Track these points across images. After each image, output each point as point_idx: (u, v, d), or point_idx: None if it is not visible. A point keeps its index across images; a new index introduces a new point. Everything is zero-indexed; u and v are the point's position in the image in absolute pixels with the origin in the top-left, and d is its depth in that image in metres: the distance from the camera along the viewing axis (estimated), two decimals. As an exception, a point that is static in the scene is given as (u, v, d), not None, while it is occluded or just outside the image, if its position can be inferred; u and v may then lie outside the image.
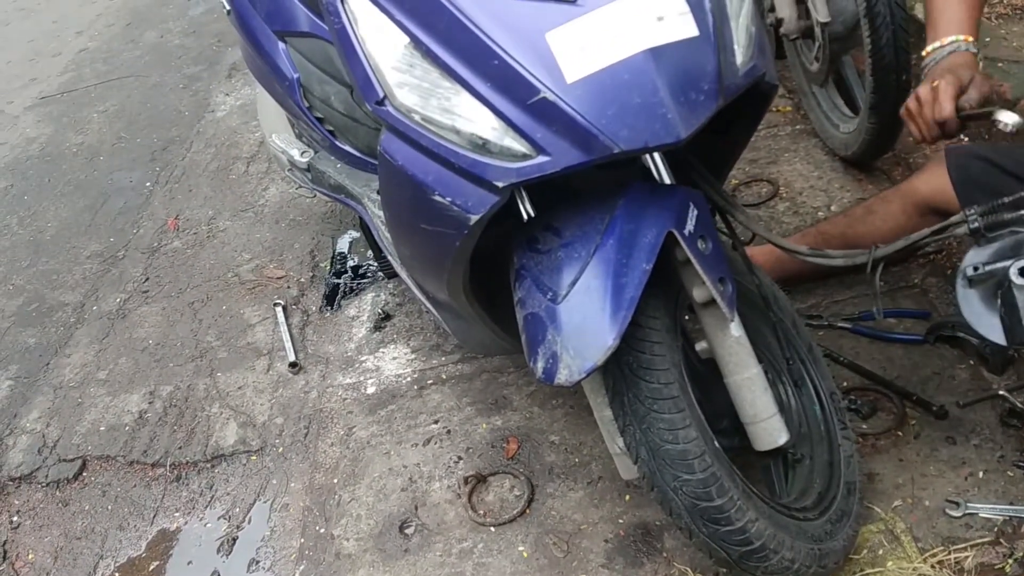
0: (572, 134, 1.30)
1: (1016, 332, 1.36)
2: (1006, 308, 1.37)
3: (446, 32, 1.35)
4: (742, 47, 1.43)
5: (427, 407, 2.26)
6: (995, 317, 1.40)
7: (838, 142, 2.71)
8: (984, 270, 1.39)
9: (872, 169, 2.68)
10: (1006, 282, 1.36)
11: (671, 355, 1.48)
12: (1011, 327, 1.36)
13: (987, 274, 1.39)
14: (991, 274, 1.39)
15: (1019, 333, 1.35)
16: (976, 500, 1.74)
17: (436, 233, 1.47)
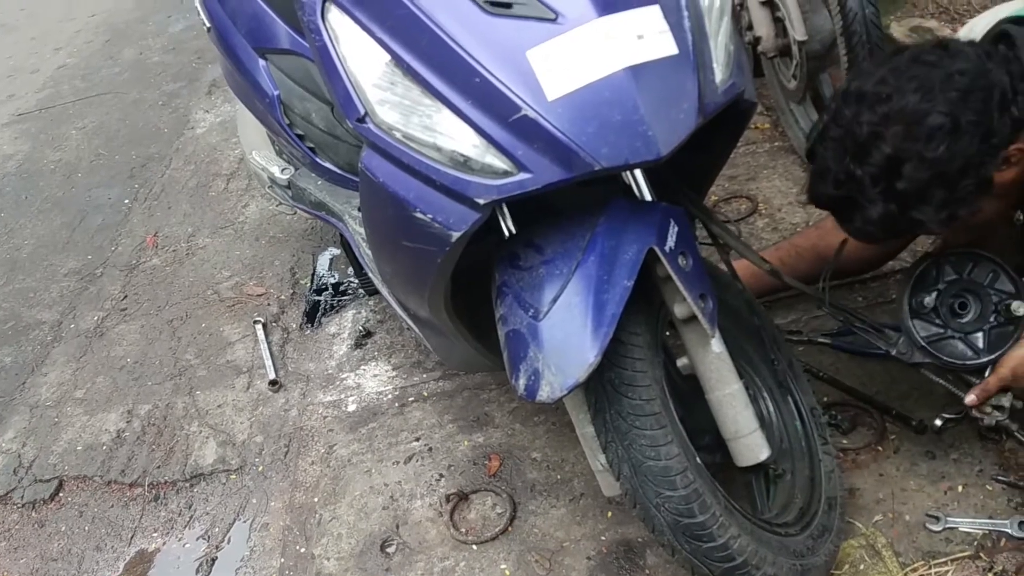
0: (553, 151, 1.31)
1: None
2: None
3: (427, 50, 1.36)
4: (721, 65, 1.44)
5: (408, 424, 2.25)
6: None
7: (816, 159, 2.73)
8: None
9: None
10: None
11: (653, 371, 1.48)
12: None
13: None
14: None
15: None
16: (956, 514, 1.75)
17: (417, 250, 1.47)
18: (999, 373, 1.60)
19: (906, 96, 1.36)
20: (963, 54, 1.38)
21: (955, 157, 1.35)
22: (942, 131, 1.34)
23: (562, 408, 1.61)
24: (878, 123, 1.37)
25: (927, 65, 1.37)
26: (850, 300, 2.29)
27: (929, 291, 1.68)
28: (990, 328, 1.65)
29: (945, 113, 1.33)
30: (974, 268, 1.67)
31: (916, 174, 1.36)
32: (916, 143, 1.35)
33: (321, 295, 2.77)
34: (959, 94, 1.34)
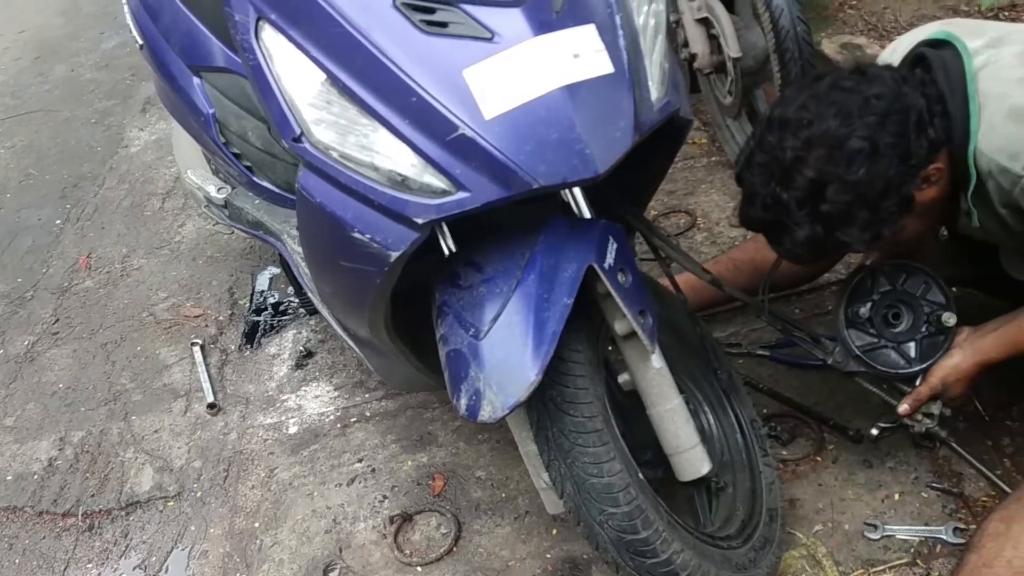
0: (491, 170, 1.31)
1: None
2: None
3: (363, 69, 1.35)
4: (656, 83, 1.46)
5: (351, 445, 2.23)
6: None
7: (752, 173, 2.77)
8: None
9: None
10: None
11: (594, 388, 1.49)
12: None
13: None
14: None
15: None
16: (893, 522, 1.79)
17: (356, 270, 1.46)
18: (929, 382, 1.65)
19: (826, 121, 1.39)
20: (880, 79, 1.42)
21: (875, 179, 1.38)
22: (862, 154, 1.37)
23: (506, 426, 1.60)
24: (801, 148, 1.41)
25: (845, 91, 1.41)
26: (787, 312, 2.32)
27: (864, 301, 1.72)
28: (922, 338, 1.69)
29: (864, 137, 1.37)
30: (907, 279, 1.71)
31: (839, 196, 1.40)
32: (837, 166, 1.39)
33: (260, 315, 2.72)
34: (877, 118, 1.38)
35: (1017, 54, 1.43)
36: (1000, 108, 1.39)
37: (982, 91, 1.42)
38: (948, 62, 1.46)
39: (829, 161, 1.39)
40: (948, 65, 1.46)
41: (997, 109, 1.40)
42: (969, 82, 1.43)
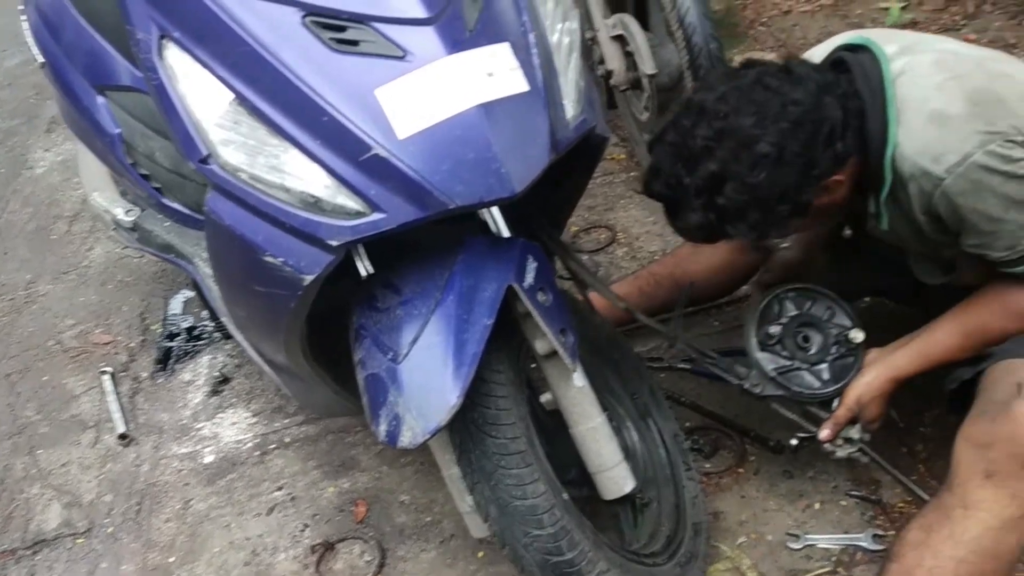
0: (406, 191, 1.29)
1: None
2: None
3: (272, 88, 1.32)
4: (572, 101, 1.46)
5: (270, 473, 2.17)
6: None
7: (670, 188, 2.80)
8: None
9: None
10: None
11: (517, 409, 1.47)
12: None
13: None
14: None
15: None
16: (814, 531, 1.81)
17: (269, 295, 1.42)
18: (846, 403, 1.66)
19: (741, 118, 1.41)
20: (804, 83, 1.43)
21: (774, 185, 1.40)
22: (767, 159, 1.39)
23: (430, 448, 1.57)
24: (711, 139, 1.42)
25: (768, 90, 1.42)
26: (706, 325, 2.35)
27: (774, 325, 1.73)
28: (833, 360, 1.71)
29: (773, 143, 1.39)
30: (813, 304, 1.74)
31: (735, 195, 1.42)
32: (741, 166, 1.40)
33: (174, 341, 2.64)
34: (790, 125, 1.39)
35: (932, 62, 1.47)
36: (920, 112, 1.42)
37: (900, 96, 1.45)
38: (867, 67, 1.49)
39: (734, 159, 1.40)
40: (867, 70, 1.48)
41: (918, 113, 1.42)
42: (887, 87, 1.46)
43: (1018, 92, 1.44)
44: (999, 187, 1.37)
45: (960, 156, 1.37)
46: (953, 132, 1.38)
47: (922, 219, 1.50)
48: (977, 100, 1.39)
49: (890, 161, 1.45)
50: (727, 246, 2.15)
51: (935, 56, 1.48)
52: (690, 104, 1.48)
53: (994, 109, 1.39)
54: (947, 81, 1.43)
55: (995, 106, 1.39)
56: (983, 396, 1.48)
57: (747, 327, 1.74)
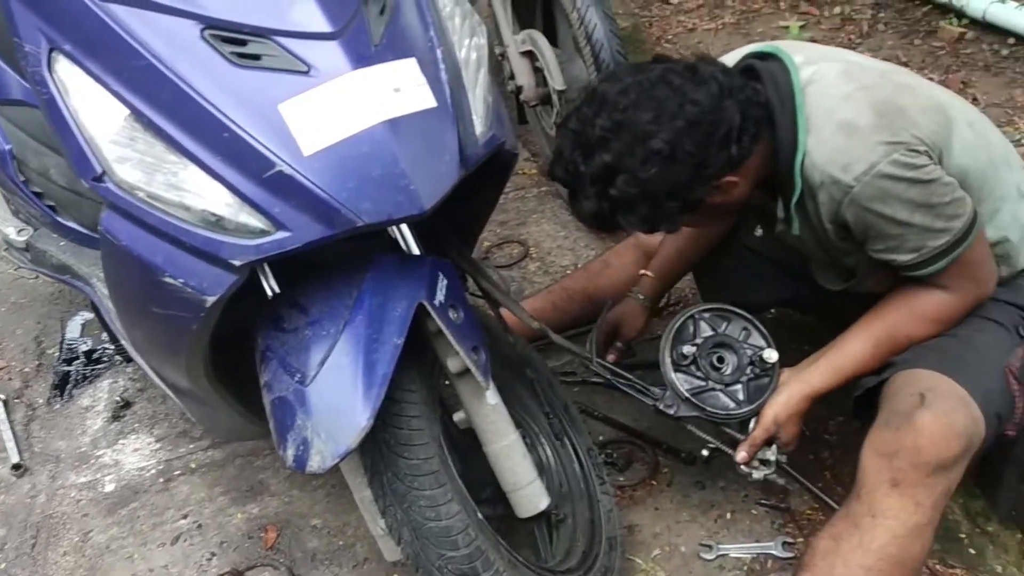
0: (312, 208, 1.26)
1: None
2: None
3: (170, 104, 1.27)
4: (480, 117, 1.45)
5: (175, 501, 2.09)
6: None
7: (581, 203, 2.82)
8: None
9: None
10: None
11: (430, 428, 1.45)
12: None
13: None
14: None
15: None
16: (726, 541, 1.83)
17: (170, 317, 1.36)
18: (762, 424, 1.65)
19: (639, 113, 1.42)
20: (707, 84, 1.45)
21: (664, 181, 1.43)
22: (659, 156, 1.41)
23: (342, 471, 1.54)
24: (609, 130, 1.44)
25: (669, 87, 1.44)
26: (619, 339, 2.36)
27: (688, 346, 1.71)
28: (748, 380, 1.69)
29: (666, 140, 1.41)
30: (728, 325, 1.73)
31: (626, 187, 1.44)
32: (633, 160, 1.42)
33: (72, 365, 2.53)
34: (686, 124, 1.41)
35: (839, 72, 1.51)
36: (830, 122, 1.45)
37: (810, 105, 1.48)
38: (777, 75, 1.52)
39: (628, 152, 1.42)
40: (777, 77, 1.51)
41: (827, 122, 1.46)
42: (797, 95, 1.49)
43: (919, 104, 1.49)
44: (904, 192, 1.42)
45: (867, 165, 1.41)
46: (860, 142, 1.43)
47: (829, 227, 1.53)
48: (882, 111, 1.44)
49: (800, 168, 1.48)
50: (635, 260, 2.18)
51: (842, 67, 1.52)
52: (594, 94, 1.50)
53: (897, 120, 1.44)
54: (854, 92, 1.47)
55: (898, 117, 1.44)
56: (887, 406, 1.52)
57: (661, 348, 1.72)
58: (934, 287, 1.55)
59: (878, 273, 1.60)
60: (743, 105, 1.46)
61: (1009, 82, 2.82)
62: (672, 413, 1.70)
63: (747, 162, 1.48)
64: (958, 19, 3.18)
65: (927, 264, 1.49)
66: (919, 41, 3.19)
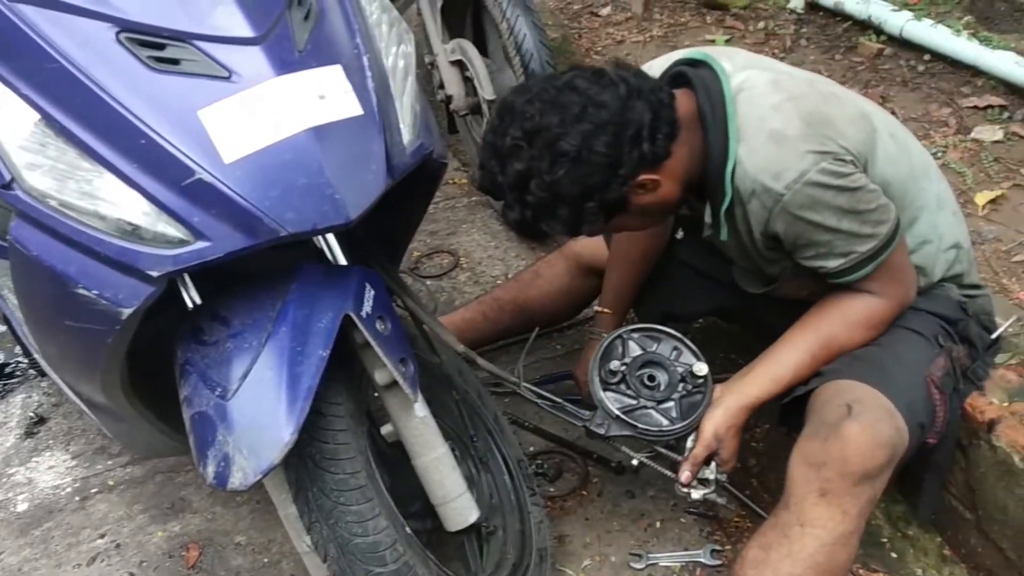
0: (234, 217, 1.22)
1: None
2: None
3: (84, 109, 1.22)
4: (408, 126, 1.43)
5: (92, 520, 2.01)
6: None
7: (511, 213, 2.82)
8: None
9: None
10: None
11: (357, 442, 1.42)
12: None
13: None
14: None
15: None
16: (656, 550, 1.84)
17: (84, 330, 1.31)
18: (703, 440, 1.62)
19: (546, 119, 1.43)
20: (613, 87, 1.46)
21: (575, 183, 1.43)
22: (566, 158, 1.42)
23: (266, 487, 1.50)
24: (520, 139, 1.45)
25: (576, 92, 1.45)
26: (548, 349, 2.37)
27: (616, 362, 1.68)
28: (680, 397, 1.66)
29: (573, 143, 1.42)
30: (658, 345, 1.71)
31: (539, 192, 1.45)
32: (542, 164, 1.43)
33: (-18, 380, 2.43)
34: (592, 126, 1.42)
35: (769, 81, 1.53)
36: (761, 131, 1.47)
37: (741, 113, 1.49)
38: (709, 82, 1.53)
39: (538, 158, 1.43)
40: (709, 85, 1.53)
41: (758, 132, 1.47)
42: (728, 103, 1.50)
43: (846, 114, 1.52)
44: (832, 199, 1.45)
45: (797, 173, 1.43)
46: (790, 151, 1.45)
47: (758, 238, 1.55)
48: (810, 121, 1.47)
49: (731, 176, 1.50)
50: (567, 270, 2.18)
51: (771, 76, 1.55)
52: (503, 105, 1.51)
53: (826, 130, 1.47)
54: (784, 102, 1.49)
55: (826, 127, 1.47)
56: (814, 417, 1.54)
57: (589, 368, 1.69)
58: (863, 293, 1.58)
59: (797, 280, 1.62)
60: (654, 106, 1.47)
61: (925, 97, 2.91)
62: (603, 433, 1.64)
63: (668, 161, 1.49)
64: (877, 35, 3.27)
65: (855, 269, 1.52)
66: (840, 56, 3.27)
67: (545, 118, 1.43)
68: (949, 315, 1.65)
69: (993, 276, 2.11)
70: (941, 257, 1.66)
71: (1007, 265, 2.16)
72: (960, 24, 3.11)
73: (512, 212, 1.51)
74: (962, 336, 1.67)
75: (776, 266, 1.63)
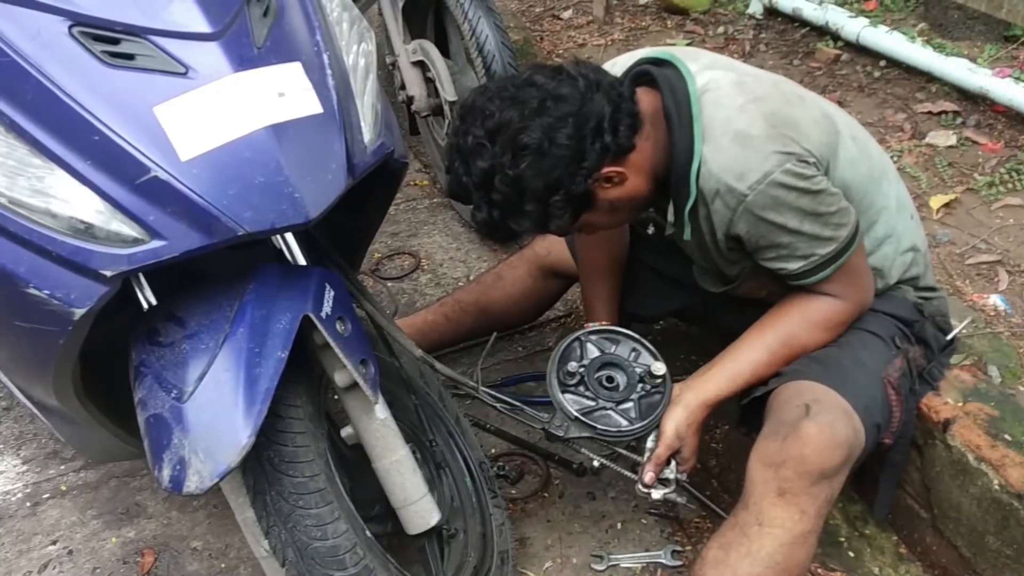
0: (190, 216, 1.20)
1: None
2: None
3: (35, 104, 1.20)
4: (369, 125, 1.42)
5: (43, 526, 1.97)
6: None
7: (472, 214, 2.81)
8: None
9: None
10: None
11: (316, 445, 1.40)
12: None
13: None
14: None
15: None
16: (617, 551, 1.84)
17: (35, 331, 1.28)
18: (664, 439, 1.62)
19: (507, 115, 1.43)
20: (572, 81, 1.46)
21: (538, 175, 1.43)
22: (528, 151, 1.41)
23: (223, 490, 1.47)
24: (482, 137, 1.44)
25: (535, 87, 1.45)
26: (510, 351, 2.36)
27: (573, 363, 1.67)
28: (639, 398, 1.65)
29: (535, 136, 1.41)
30: (617, 347, 1.71)
31: (504, 187, 1.44)
32: (505, 159, 1.42)
33: (-72, 383, 2.36)
34: (552, 120, 1.42)
35: (734, 82, 1.54)
36: (726, 132, 1.48)
37: (706, 114, 1.50)
38: (674, 81, 1.53)
39: (500, 154, 1.43)
40: (674, 85, 1.53)
41: (724, 132, 1.48)
42: (694, 103, 1.50)
43: (810, 116, 1.53)
44: (795, 201, 1.46)
45: (761, 174, 1.44)
46: (755, 152, 1.45)
47: (720, 239, 1.55)
48: (775, 123, 1.48)
49: (695, 176, 1.50)
50: (528, 273, 2.18)
51: (735, 76, 1.55)
52: (464, 107, 1.50)
53: (790, 131, 1.47)
54: (748, 103, 1.50)
55: (791, 128, 1.48)
56: (773, 417, 1.55)
57: (548, 370, 1.67)
58: (823, 295, 1.59)
59: (756, 279, 1.64)
60: (614, 99, 1.46)
61: (881, 103, 2.95)
62: (562, 435, 1.63)
63: (632, 155, 1.49)
64: (834, 41, 3.31)
65: (815, 272, 1.53)
66: (798, 61, 3.31)
67: (505, 114, 1.43)
68: (905, 316, 1.68)
69: (947, 279, 2.14)
70: (899, 259, 1.68)
71: (961, 268, 2.19)
72: (915, 31, 3.17)
73: (480, 212, 1.50)
74: (918, 337, 1.69)
75: (736, 267, 1.64)
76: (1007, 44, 3.07)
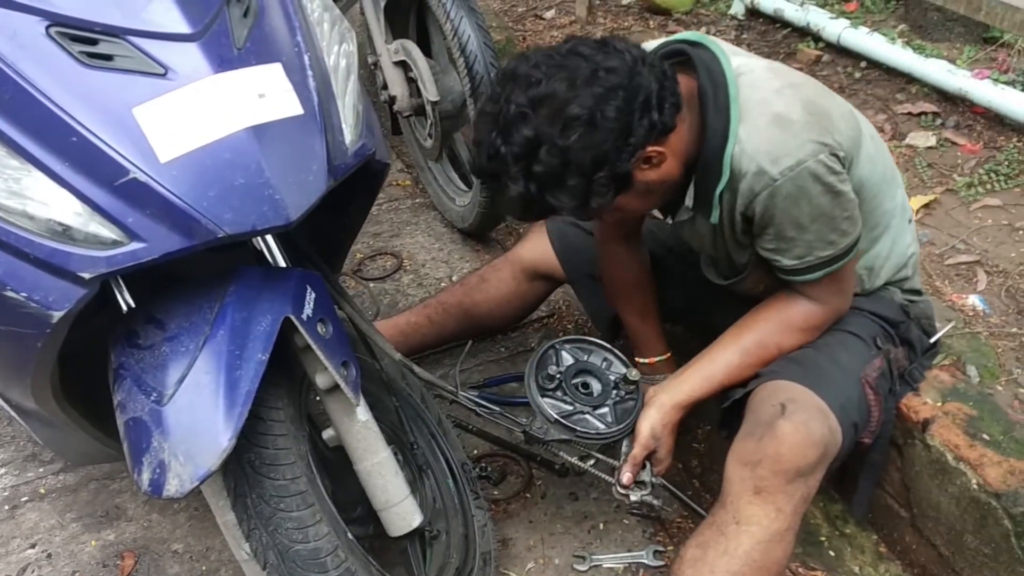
0: (170, 218, 1.19)
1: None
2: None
3: (11, 105, 1.19)
4: (350, 126, 1.41)
5: (22, 529, 1.95)
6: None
7: (455, 215, 2.81)
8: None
9: (488, 239, 2.81)
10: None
11: (297, 447, 1.40)
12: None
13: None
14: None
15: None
16: (600, 551, 1.84)
17: (12, 334, 1.27)
18: (640, 440, 1.63)
19: (554, 84, 1.38)
20: (619, 54, 1.42)
21: (587, 148, 1.38)
22: (579, 121, 1.36)
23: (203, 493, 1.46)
24: (525, 105, 1.39)
25: (581, 57, 1.41)
26: (492, 352, 2.36)
27: (552, 367, 1.70)
28: (615, 403, 1.69)
29: (585, 106, 1.36)
30: (590, 356, 1.73)
31: (549, 159, 1.38)
32: (553, 129, 1.37)
33: (-95, 385, 2.33)
34: (603, 90, 1.37)
35: (767, 67, 1.53)
36: (764, 113, 1.46)
37: (743, 96, 1.48)
38: (709, 62, 1.51)
39: (547, 123, 1.37)
40: (709, 65, 1.51)
41: (761, 113, 1.46)
42: (731, 84, 1.48)
43: (840, 109, 1.53)
44: (816, 197, 1.45)
45: (795, 160, 1.43)
46: (793, 137, 1.44)
47: (737, 218, 1.53)
48: (812, 111, 1.46)
49: (729, 157, 1.48)
50: (512, 275, 2.17)
51: (766, 63, 1.55)
52: (504, 74, 1.45)
53: (825, 121, 1.47)
54: (785, 88, 1.49)
55: (825, 119, 1.47)
56: (750, 417, 1.56)
57: (526, 376, 1.69)
58: (803, 298, 1.60)
59: (759, 271, 1.63)
60: (659, 75, 1.43)
61: (861, 103, 2.97)
62: (543, 436, 1.64)
63: (672, 136, 1.46)
64: (815, 42, 3.33)
65: (806, 272, 1.54)
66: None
67: (552, 82, 1.38)
68: (891, 317, 1.69)
69: (927, 279, 2.16)
70: (892, 260, 1.69)
71: (940, 268, 2.21)
72: (895, 32, 3.19)
73: (514, 187, 1.43)
74: (903, 338, 1.70)
75: (746, 252, 1.62)
76: (986, 46, 3.09)
